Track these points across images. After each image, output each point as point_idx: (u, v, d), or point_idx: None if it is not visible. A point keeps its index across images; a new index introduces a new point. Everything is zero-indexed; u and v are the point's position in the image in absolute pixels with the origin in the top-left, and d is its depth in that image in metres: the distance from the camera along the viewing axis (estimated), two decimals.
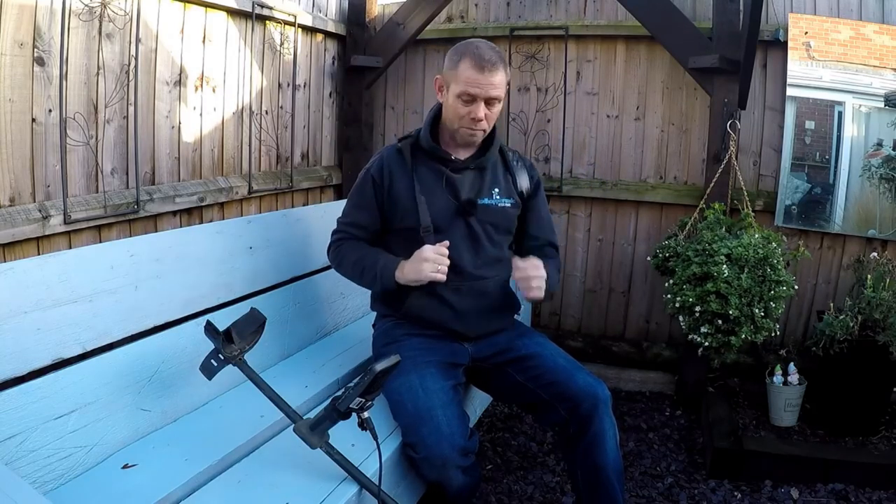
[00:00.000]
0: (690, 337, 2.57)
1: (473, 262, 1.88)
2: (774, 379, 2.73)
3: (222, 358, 1.58)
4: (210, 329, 1.59)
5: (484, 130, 1.84)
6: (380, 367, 1.38)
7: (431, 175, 1.88)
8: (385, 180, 1.88)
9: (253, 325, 1.63)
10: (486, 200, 1.89)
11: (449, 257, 1.82)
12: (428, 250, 1.76)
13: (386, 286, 1.84)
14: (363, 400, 1.42)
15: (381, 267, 1.83)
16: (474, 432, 1.71)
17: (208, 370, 1.59)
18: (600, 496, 1.72)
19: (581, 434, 1.72)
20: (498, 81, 1.76)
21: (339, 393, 1.48)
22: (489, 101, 1.78)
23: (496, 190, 1.91)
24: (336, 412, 1.45)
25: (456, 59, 1.78)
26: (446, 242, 1.78)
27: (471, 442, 1.65)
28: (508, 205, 1.93)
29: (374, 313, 2.08)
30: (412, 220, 1.85)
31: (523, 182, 1.98)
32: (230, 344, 1.58)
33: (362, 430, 1.46)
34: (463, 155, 1.91)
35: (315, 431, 1.47)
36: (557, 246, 2.09)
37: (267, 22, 2.96)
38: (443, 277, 1.76)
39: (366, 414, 1.44)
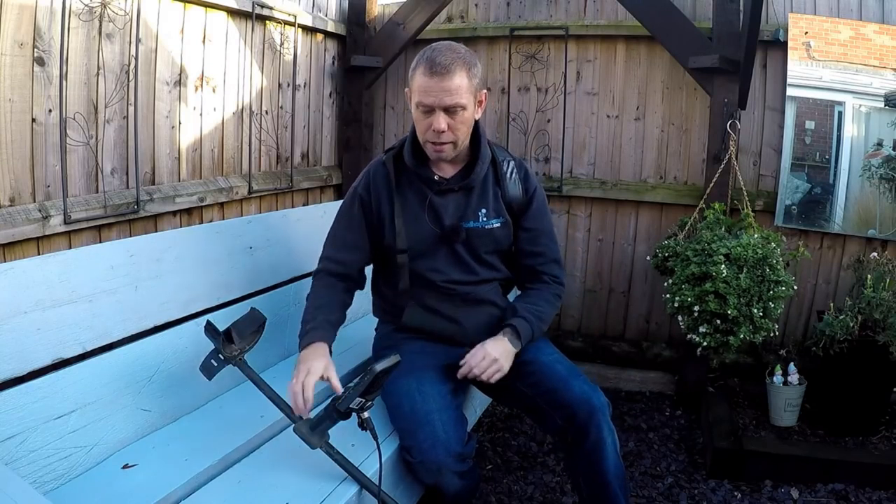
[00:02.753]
0: (689, 337, 2.57)
1: (465, 283, 1.84)
2: (774, 379, 2.73)
3: (222, 358, 1.58)
4: (210, 329, 1.59)
5: (453, 143, 1.71)
6: (380, 367, 1.38)
7: (415, 197, 1.80)
8: (373, 199, 1.82)
9: (253, 325, 1.63)
10: (471, 223, 1.80)
11: (435, 283, 1.81)
12: (306, 365, 1.57)
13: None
14: (363, 400, 1.42)
15: (306, 330, 1.71)
16: (472, 436, 1.70)
17: (208, 370, 1.59)
18: None
19: (579, 442, 1.69)
20: (454, 87, 1.61)
21: (339, 393, 1.48)
22: (449, 111, 1.65)
23: (483, 210, 1.81)
24: (336, 412, 1.45)
25: (413, 65, 1.68)
26: (310, 407, 1.54)
27: (467, 447, 1.64)
28: (497, 225, 1.82)
29: (374, 315, 2.07)
30: (392, 240, 1.80)
31: (514, 195, 1.85)
32: (230, 344, 1.58)
33: (362, 430, 1.46)
34: (448, 172, 1.82)
35: (315, 431, 1.47)
36: (559, 274, 1.93)
37: (267, 22, 2.96)
38: (296, 407, 1.53)
39: (366, 414, 1.44)
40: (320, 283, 1.85)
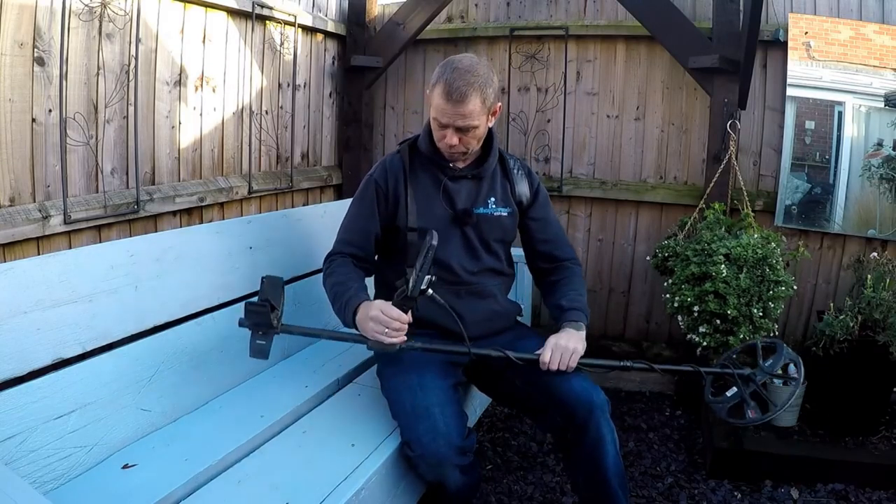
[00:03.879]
0: (689, 337, 2.57)
1: (470, 269, 1.88)
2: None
3: (263, 334, 1.55)
4: (253, 309, 1.54)
5: (463, 153, 1.82)
6: (434, 240, 1.44)
7: (429, 182, 1.88)
8: (389, 185, 1.88)
9: (277, 289, 1.61)
10: (481, 209, 1.88)
11: (447, 264, 1.83)
12: (375, 309, 1.62)
13: (348, 323, 1.74)
14: (430, 277, 1.48)
15: (346, 300, 1.73)
16: (472, 431, 1.71)
17: (262, 351, 1.56)
18: (603, 503, 1.71)
19: (579, 440, 1.71)
20: (468, 111, 1.71)
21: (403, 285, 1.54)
22: (462, 129, 1.75)
23: (492, 199, 1.90)
24: (407, 300, 1.53)
25: (435, 79, 1.76)
26: (407, 318, 1.64)
27: (468, 441, 1.65)
28: (505, 213, 1.91)
29: None
30: (405, 220, 1.86)
31: (522, 190, 1.96)
32: (273, 312, 1.54)
33: (410, 312, 1.56)
34: (461, 163, 1.90)
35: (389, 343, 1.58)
36: (574, 256, 2.04)
37: (267, 22, 2.96)
38: (395, 342, 1.62)
39: (430, 291, 1.51)
40: (337, 263, 1.87)
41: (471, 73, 1.72)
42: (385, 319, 1.61)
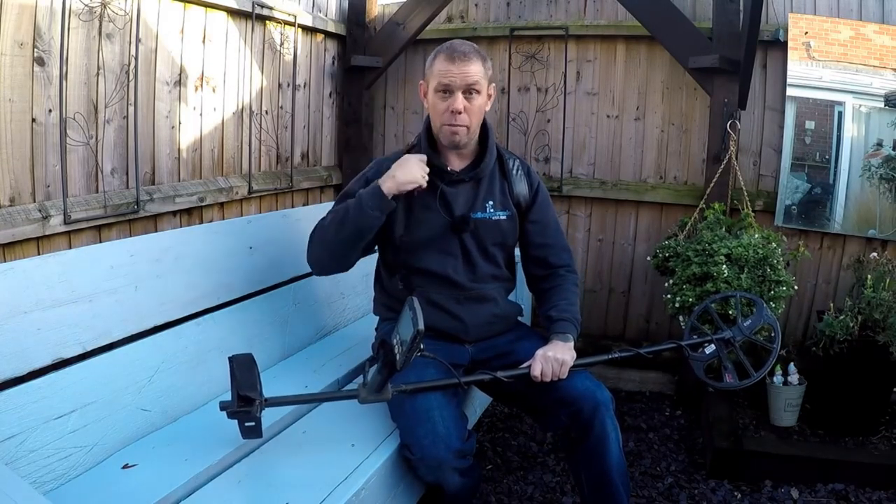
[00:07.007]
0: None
1: (469, 277, 1.87)
2: (774, 379, 2.73)
3: (253, 416, 1.52)
4: (234, 410, 1.51)
5: (466, 127, 1.79)
6: (422, 326, 1.39)
7: (427, 187, 1.84)
8: None
9: (250, 369, 1.55)
10: (479, 214, 1.85)
11: (444, 274, 1.83)
12: (413, 159, 1.77)
13: (373, 202, 1.72)
14: (419, 351, 1.46)
15: (361, 194, 1.76)
16: (472, 434, 1.70)
17: (255, 430, 1.54)
18: (605, 501, 1.71)
19: (583, 438, 1.71)
20: (472, 71, 1.75)
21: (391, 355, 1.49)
22: (467, 93, 1.76)
23: (490, 202, 1.87)
24: (389, 368, 1.51)
25: (432, 58, 1.82)
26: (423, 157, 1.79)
27: (467, 444, 1.64)
28: (503, 217, 1.88)
29: (374, 314, 2.07)
30: (402, 228, 1.84)
31: (521, 191, 1.93)
32: (254, 401, 1.51)
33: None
34: (458, 165, 1.88)
35: (382, 392, 1.57)
36: (570, 262, 1.99)
37: (267, 22, 2.96)
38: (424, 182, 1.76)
39: (419, 353, 1.48)
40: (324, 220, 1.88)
41: (466, 43, 1.82)
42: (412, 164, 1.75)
